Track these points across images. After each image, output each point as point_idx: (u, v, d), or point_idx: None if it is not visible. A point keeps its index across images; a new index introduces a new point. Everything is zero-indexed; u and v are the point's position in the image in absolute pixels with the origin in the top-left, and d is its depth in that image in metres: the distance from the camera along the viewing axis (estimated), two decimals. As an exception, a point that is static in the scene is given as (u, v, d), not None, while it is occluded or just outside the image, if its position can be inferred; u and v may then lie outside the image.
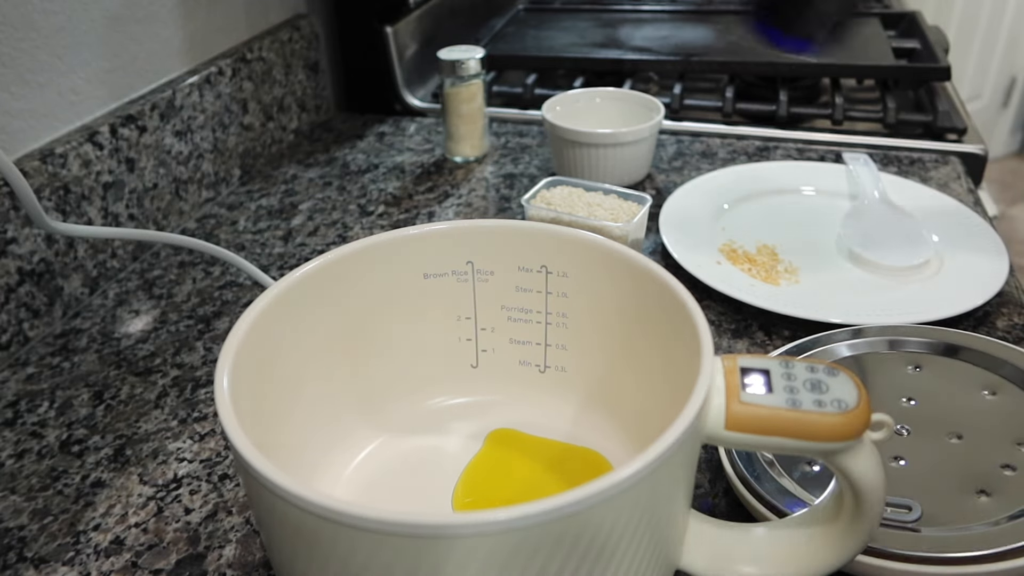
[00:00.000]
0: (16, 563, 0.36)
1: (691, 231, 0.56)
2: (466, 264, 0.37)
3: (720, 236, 0.56)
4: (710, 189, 0.61)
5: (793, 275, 0.52)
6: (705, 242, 0.55)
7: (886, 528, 0.32)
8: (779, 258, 0.54)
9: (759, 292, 0.49)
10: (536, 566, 0.24)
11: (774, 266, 0.53)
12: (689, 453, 0.26)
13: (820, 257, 0.54)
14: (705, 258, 0.53)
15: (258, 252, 0.59)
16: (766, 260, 0.53)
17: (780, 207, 0.60)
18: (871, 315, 0.46)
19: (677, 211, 0.58)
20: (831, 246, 0.55)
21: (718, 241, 0.55)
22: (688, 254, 0.52)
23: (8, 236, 0.48)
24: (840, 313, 0.46)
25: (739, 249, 0.54)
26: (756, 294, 0.48)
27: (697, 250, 0.53)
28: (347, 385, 0.37)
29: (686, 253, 0.53)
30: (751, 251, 0.54)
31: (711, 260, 0.52)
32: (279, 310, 0.32)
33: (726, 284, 0.49)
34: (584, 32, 0.91)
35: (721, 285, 0.49)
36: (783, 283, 0.51)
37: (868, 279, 0.51)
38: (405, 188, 0.66)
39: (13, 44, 0.49)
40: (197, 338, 0.50)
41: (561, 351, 0.38)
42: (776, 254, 0.54)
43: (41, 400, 0.46)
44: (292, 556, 0.26)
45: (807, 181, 0.62)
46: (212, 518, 0.37)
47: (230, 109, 0.67)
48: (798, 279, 0.51)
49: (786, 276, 0.52)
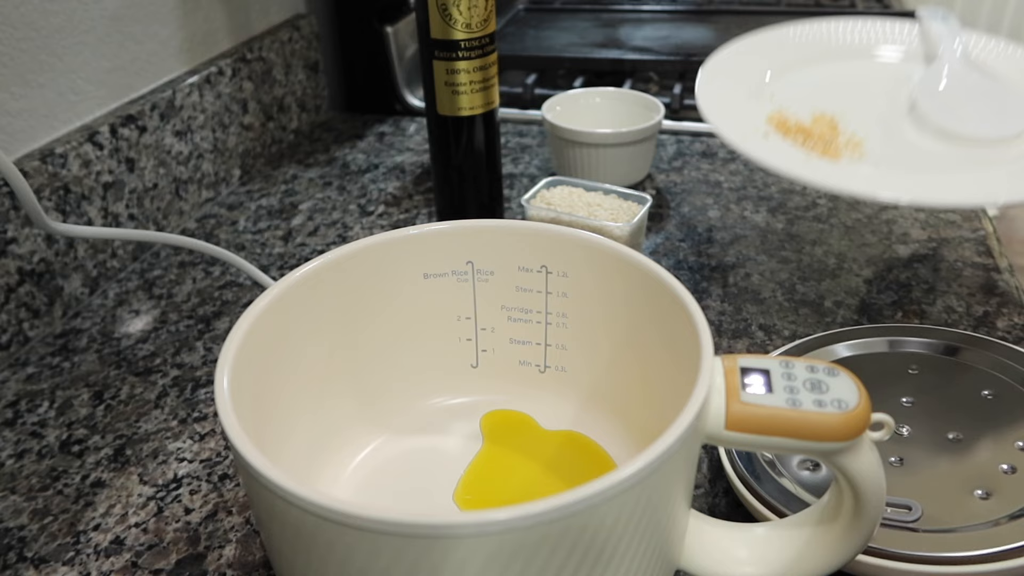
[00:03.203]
0: (16, 563, 0.36)
1: (733, 99, 0.48)
2: (466, 264, 0.37)
3: (768, 105, 0.48)
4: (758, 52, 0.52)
5: (857, 148, 0.44)
6: (750, 112, 0.47)
7: (886, 528, 0.32)
8: (840, 129, 0.46)
9: (816, 168, 0.41)
10: (536, 566, 0.24)
11: (834, 138, 0.45)
12: (689, 453, 0.26)
13: (890, 128, 0.46)
14: (750, 130, 0.44)
15: (258, 252, 0.59)
16: (824, 131, 0.45)
17: (841, 73, 0.51)
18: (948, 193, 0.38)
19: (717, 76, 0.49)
20: (903, 116, 0.47)
21: (765, 110, 0.47)
22: (730, 125, 0.44)
23: (8, 236, 0.48)
24: (912, 191, 0.38)
25: (791, 119, 0.46)
26: (813, 169, 0.40)
27: (740, 121, 0.45)
28: (347, 385, 0.37)
29: (728, 124, 0.44)
30: (805, 121, 0.46)
31: (757, 132, 0.44)
32: (279, 310, 0.32)
33: (775, 158, 0.41)
34: (584, 32, 0.91)
35: (770, 159, 0.41)
36: (845, 158, 0.43)
37: (949, 153, 0.43)
38: (405, 188, 0.66)
39: (13, 44, 0.49)
40: (197, 338, 0.50)
41: (561, 351, 0.38)
42: (836, 124, 0.46)
43: (41, 400, 0.46)
44: (292, 556, 0.26)
45: (874, 42, 0.53)
46: (212, 518, 0.37)
47: (230, 109, 0.67)
48: (863, 153, 0.43)
49: (848, 150, 0.44)
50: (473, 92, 0.52)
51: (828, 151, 0.43)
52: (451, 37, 0.49)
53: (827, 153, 0.43)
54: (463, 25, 0.49)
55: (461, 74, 0.51)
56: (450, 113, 0.52)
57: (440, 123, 0.53)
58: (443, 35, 0.49)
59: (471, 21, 0.49)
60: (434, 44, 0.50)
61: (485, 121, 0.53)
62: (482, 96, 0.52)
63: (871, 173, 0.40)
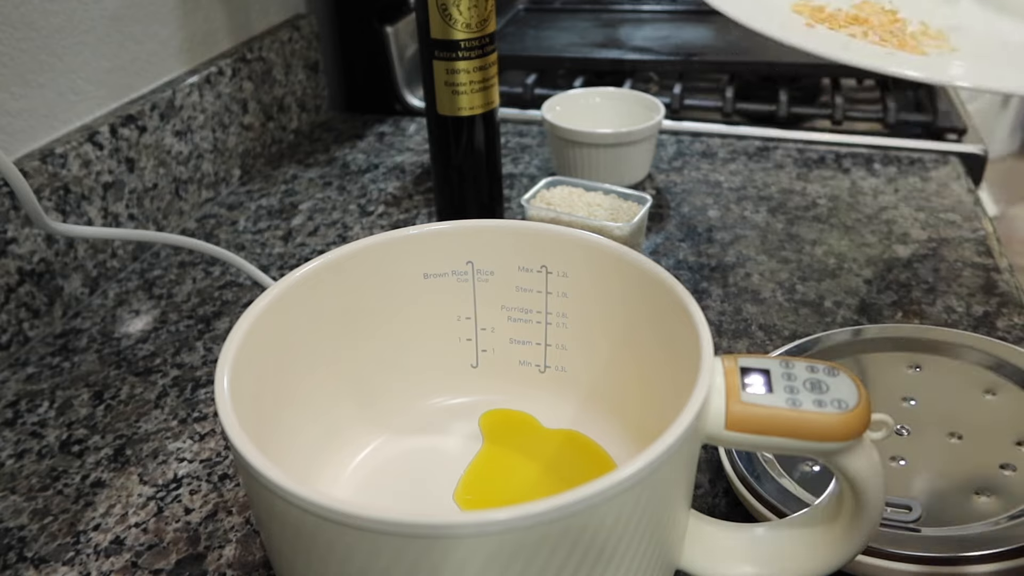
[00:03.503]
0: (16, 563, 0.36)
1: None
2: (466, 264, 0.37)
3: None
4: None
5: (941, 40, 0.32)
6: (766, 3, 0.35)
7: (886, 528, 0.32)
8: (897, 14, 0.35)
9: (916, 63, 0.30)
10: (536, 566, 0.24)
11: (902, 29, 0.34)
12: (689, 453, 0.26)
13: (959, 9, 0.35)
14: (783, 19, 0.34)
15: (258, 252, 0.59)
16: (884, 21, 0.35)
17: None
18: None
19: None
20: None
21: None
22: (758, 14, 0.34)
23: (8, 236, 0.48)
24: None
25: (827, 6, 0.35)
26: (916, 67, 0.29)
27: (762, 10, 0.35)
28: (347, 385, 0.37)
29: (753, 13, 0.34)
30: (848, 8, 0.36)
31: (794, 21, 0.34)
32: (279, 310, 0.32)
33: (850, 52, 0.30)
34: (584, 32, 0.91)
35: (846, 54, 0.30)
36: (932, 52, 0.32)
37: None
38: (405, 188, 0.66)
39: (13, 44, 0.49)
40: (197, 338, 0.50)
41: (561, 351, 0.38)
42: (895, 13, 0.35)
43: (41, 400, 0.46)
44: (292, 556, 0.26)
45: None
46: (212, 518, 0.37)
47: (230, 109, 0.67)
48: (951, 44, 0.32)
49: (930, 42, 0.32)
50: (473, 92, 0.52)
51: (906, 45, 0.33)
52: (451, 37, 0.49)
53: (906, 47, 0.32)
54: (463, 25, 0.49)
55: (461, 74, 0.51)
56: (450, 113, 0.52)
57: (440, 123, 0.53)
58: (443, 35, 0.49)
59: (471, 21, 0.49)
60: (434, 44, 0.50)
61: (485, 121, 0.53)
62: (482, 96, 0.52)
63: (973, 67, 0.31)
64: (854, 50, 0.31)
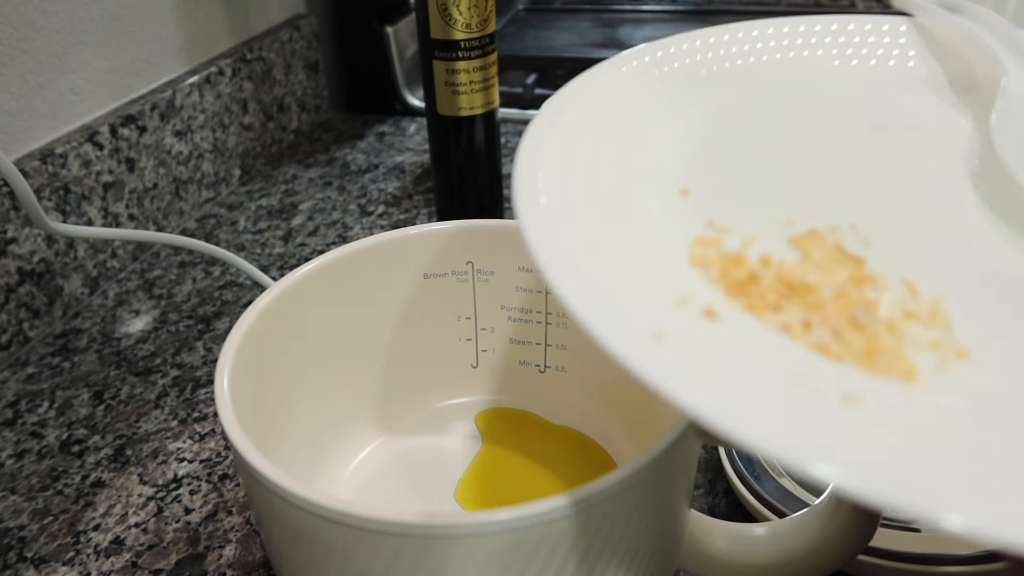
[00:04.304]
0: (16, 563, 0.36)
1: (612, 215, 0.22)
2: (466, 264, 0.37)
3: (685, 218, 0.22)
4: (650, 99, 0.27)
5: (939, 323, 0.18)
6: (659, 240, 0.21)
7: (886, 528, 0.32)
8: (866, 265, 0.20)
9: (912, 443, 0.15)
10: (536, 566, 0.24)
11: (870, 310, 0.19)
12: (689, 453, 0.26)
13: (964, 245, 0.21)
14: (663, 293, 0.19)
15: (258, 252, 0.59)
16: (835, 279, 0.19)
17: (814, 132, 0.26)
18: None
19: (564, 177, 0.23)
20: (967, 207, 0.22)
21: (682, 234, 0.21)
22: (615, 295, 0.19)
23: (8, 236, 0.48)
24: None
25: (747, 249, 0.21)
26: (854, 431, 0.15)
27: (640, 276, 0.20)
28: (347, 385, 0.37)
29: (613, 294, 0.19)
30: (782, 255, 0.20)
31: (676, 302, 0.19)
32: (279, 310, 0.32)
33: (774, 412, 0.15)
34: (584, 32, 0.91)
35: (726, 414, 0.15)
36: (921, 361, 0.17)
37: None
38: (405, 188, 0.66)
39: (13, 44, 0.49)
40: (197, 338, 0.50)
41: (561, 351, 0.38)
42: (856, 256, 0.20)
43: (41, 400, 0.46)
44: (292, 556, 0.26)
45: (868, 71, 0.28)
46: (212, 518, 0.37)
47: (230, 109, 0.67)
48: (957, 340, 0.18)
49: (921, 328, 0.18)
50: (473, 92, 0.52)
51: (874, 356, 0.17)
52: (451, 37, 0.49)
53: (871, 360, 0.17)
54: (463, 25, 0.49)
55: (461, 74, 0.51)
56: (450, 113, 0.52)
57: (440, 123, 0.53)
58: (443, 35, 0.49)
59: (471, 21, 0.49)
60: (434, 44, 0.50)
61: (485, 121, 0.53)
62: (482, 96, 0.52)
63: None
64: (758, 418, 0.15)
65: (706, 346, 0.18)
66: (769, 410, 0.15)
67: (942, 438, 0.15)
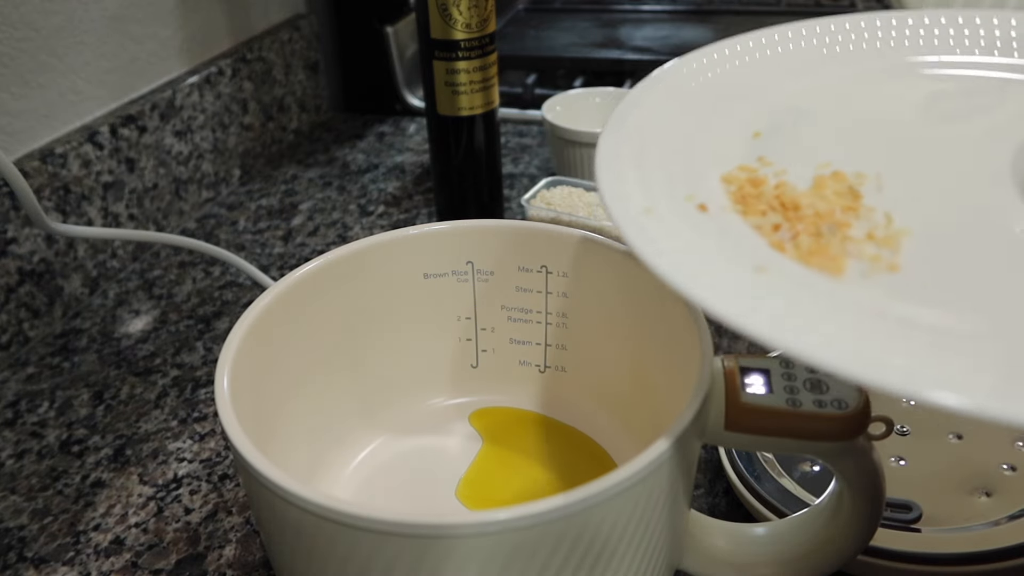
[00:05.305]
0: (16, 563, 0.36)
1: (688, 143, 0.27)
2: (466, 264, 0.37)
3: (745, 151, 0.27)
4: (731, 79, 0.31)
5: (890, 246, 0.22)
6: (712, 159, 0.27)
7: (886, 528, 0.32)
8: (862, 200, 0.24)
9: (777, 297, 0.20)
10: (536, 566, 0.24)
11: (839, 228, 0.23)
12: (689, 453, 0.26)
13: (967, 201, 0.24)
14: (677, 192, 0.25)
15: (258, 252, 0.59)
16: (829, 205, 0.24)
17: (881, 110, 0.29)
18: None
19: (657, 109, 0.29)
20: (990, 179, 0.25)
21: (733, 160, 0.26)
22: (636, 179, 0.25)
23: (8, 236, 0.48)
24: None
25: (771, 177, 0.25)
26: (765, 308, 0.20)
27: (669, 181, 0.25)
28: (347, 385, 0.37)
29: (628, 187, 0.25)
30: (800, 185, 0.25)
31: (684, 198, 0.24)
32: (279, 310, 0.32)
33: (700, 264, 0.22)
34: (584, 32, 0.91)
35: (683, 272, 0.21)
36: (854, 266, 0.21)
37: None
38: (405, 188, 0.66)
39: (13, 44, 0.49)
40: (197, 338, 0.50)
41: (561, 351, 0.38)
42: (858, 193, 0.24)
43: (41, 400, 0.46)
44: (292, 556, 0.26)
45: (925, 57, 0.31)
46: (212, 518, 0.37)
47: (230, 109, 0.67)
48: (897, 259, 0.22)
49: (873, 247, 0.22)
50: (473, 92, 0.52)
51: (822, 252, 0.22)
52: (451, 37, 0.49)
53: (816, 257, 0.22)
54: (463, 25, 0.49)
55: (461, 74, 0.51)
56: (450, 113, 0.52)
57: (440, 123, 0.53)
58: (443, 35, 0.49)
59: (471, 21, 0.49)
60: (434, 44, 0.50)
61: (485, 121, 0.53)
62: (482, 96, 0.52)
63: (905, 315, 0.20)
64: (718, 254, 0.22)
65: (681, 223, 0.23)
66: (701, 266, 0.21)
67: (802, 302, 0.20)
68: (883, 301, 0.20)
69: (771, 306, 0.20)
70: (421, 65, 0.52)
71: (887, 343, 0.19)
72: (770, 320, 0.19)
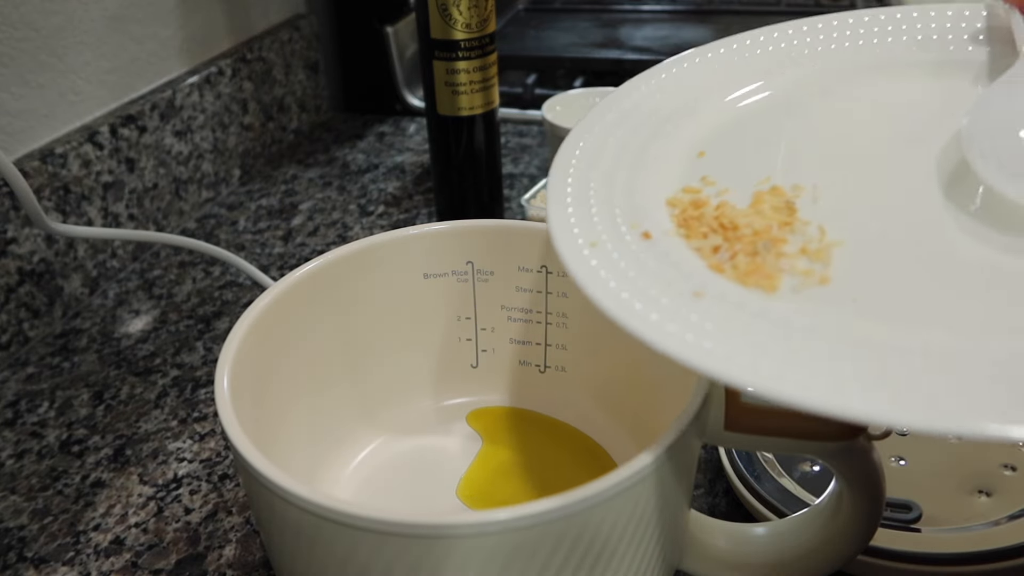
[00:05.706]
0: (16, 563, 0.36)
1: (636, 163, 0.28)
2: (466, 264, 0.37)
3: (689, 172, 0.28)
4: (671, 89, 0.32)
5: (821, 259, 0.23)
6: (657, 184, 0.27)
7: (886, 528, 0.32)
8: (797, 215, 0.25)
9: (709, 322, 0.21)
10: (536, 566, 0.24)
11: (775, 245, 0.24)
12: (689, 453, 0.26)
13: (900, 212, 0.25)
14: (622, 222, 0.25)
15: (258, 252, 0.59)
16: (767, 221, 0.25)
17: (822, 115, 0.29)
18: None
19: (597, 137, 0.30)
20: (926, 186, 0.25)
21: (678, 181, 0.28)
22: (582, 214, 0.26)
23: (8, 236, 0.48)
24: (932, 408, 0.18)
25: (712, 198, 0.26)
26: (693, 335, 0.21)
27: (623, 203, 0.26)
28: (347, 385, 0.37)
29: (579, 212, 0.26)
30: (739, 203, 0.26)
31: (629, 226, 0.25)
32: (279, 310, 0.32)
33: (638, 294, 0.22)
34: (584, 32, 0.91)
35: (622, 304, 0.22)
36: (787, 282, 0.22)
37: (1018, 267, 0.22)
38: (405, 188, 0.66)
39: (13, 44, 0.49)
40: (197, 338, 0.50)
41: (561, 351, 0.38)
42: (794, 207, 0.25)
43: (41, 400, 0.46)
44: (292, 556, 0.26)
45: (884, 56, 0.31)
46: (212, 518, 0.37)
47: (230, 109, 0.67)
48: (828, 272, 0.23)
49: (806, 261, 0.23)
50: (473, 92, 0.52)
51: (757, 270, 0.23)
52: (451, 37, 0.49)
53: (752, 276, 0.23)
54: (463, 25, 0.49)
55: (461, 74, 0.51)
56: (450, 113, 0.52)
57: (440, 123, 0.53)
58: (443, 35, 0.49)
59: (471, 21, 0.49)
60: (434, 44, 0.50)
61: (485, 121, 0.53)
62: (482, 96, 0.52)
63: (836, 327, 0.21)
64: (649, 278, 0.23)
65: (624, 253, 0.24)
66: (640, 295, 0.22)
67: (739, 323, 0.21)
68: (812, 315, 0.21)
69: (704, 332, 0.21)
70: (421, 65, 0.52)
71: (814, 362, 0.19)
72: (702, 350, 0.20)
